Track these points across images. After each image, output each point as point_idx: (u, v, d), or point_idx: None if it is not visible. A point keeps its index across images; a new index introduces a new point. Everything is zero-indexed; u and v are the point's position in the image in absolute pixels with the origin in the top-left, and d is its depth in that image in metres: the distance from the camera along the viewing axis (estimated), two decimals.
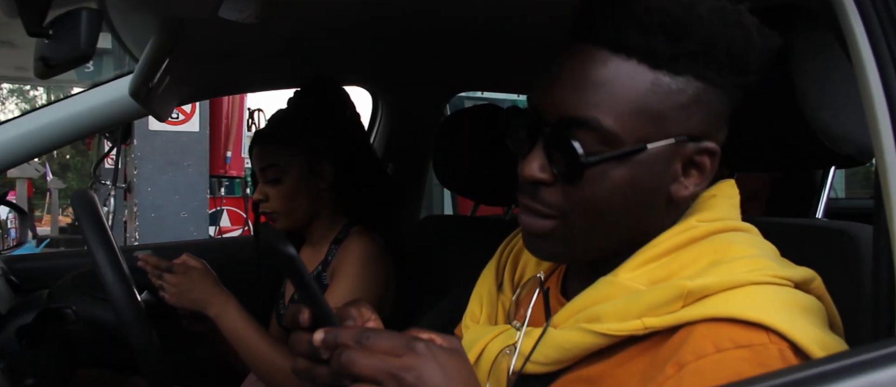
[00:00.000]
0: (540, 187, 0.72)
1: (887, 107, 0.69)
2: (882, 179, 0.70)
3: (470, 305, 0.93)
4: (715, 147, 0.72)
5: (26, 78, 9.55)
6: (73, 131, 1.27)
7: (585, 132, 0.68)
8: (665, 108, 0.68)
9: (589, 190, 0.70)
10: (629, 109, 0.68)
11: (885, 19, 0.71)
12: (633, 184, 0.70)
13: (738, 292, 0.65)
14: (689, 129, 0.70)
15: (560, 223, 0.72)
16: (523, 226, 0.75)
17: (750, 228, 0.75)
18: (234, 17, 0.98)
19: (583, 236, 0.73)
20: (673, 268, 0.70)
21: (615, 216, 0.71)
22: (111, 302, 1.28)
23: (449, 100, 2.27)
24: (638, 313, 0.67)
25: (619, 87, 0.68)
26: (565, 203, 0.71)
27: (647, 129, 0.68)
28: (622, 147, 0.68)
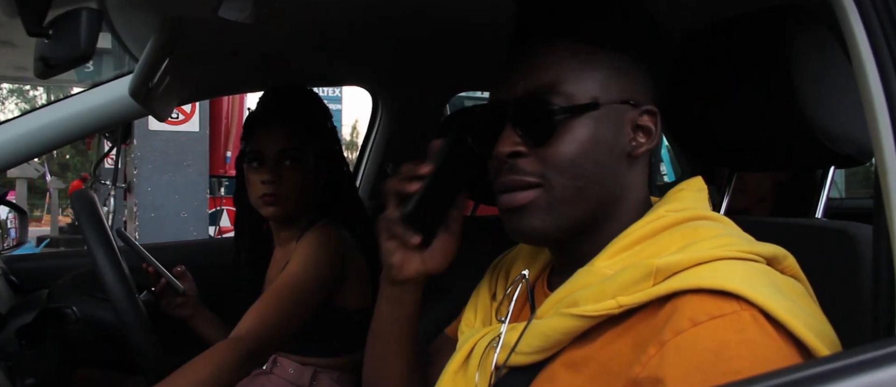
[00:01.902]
0: (516, 160, 0.79)
1: (887, 107, 0.69)
2: (882, 179, 0.70)
3: (465, 313, 0.96)
4: (654, 108, 0.82)
5: (26, 78, 9.55)
6: (73, 131, 1.27)
7: (549, 97, 0.78)
8: (605, 76, 0.79)
9: (562, 147, 0.78)
10: (579, 76, 0.79)
11: (885, 19, 0.71)
12: (596, 139, 0.78)
13: (704, 266, 0.68)
14: (628, 95, 0.80)
15: (541, 192, 0.78)
16: (506, 205, 0.81)
17: (720, 217, 0.79)
18: (234, 17, 0.98)
19: (565, 201, 0.78)
20: (644, 255, 0.75)
21: (588, 171, 0.78)
22: (111, 302, 1.28)
23: (449, 100, 2.28)
24: (612, 293, 0.71)
25: (567, 61, 0.79)
26: (544, 167, 0.78)
27: (596, 92, 0.79)
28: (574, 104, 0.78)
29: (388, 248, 0.89)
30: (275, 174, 1.52)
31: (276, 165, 1.53)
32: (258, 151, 1.54)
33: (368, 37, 1.57)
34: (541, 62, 0.80)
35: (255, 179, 1.54)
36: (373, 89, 2.18)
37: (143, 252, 1.60)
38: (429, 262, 0.90)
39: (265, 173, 1.53)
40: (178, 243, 2.38)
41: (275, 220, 1.60)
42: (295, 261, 1.48)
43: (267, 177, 1.52)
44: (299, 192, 1.55)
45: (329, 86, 6.09)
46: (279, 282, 1.45)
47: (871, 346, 0.62)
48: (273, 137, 1.54)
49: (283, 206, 1.54)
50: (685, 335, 0.64)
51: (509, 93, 0.81)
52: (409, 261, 0.89)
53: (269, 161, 1.53)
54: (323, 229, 1.53)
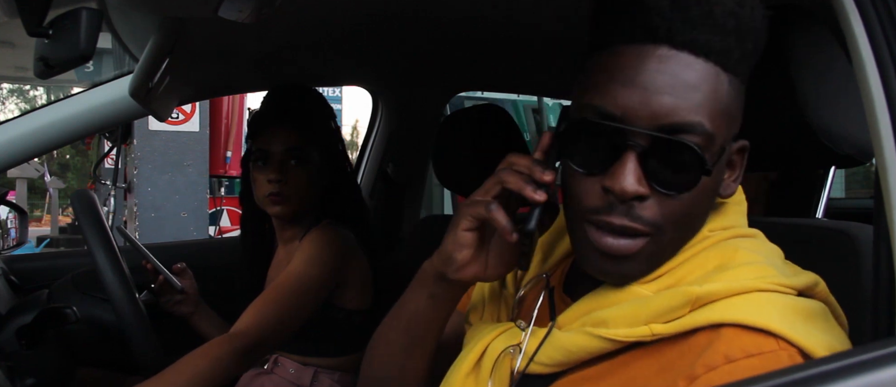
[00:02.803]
0: (635, 204, 0.68)
1: (887, 107, 0.69)
2: (882, 179, 0.70)
3: (473, 303, 0.92)
4: (747, 145, 0.75)
5: (26, 78, 9.56)
6: (73, 131, 1.27)
7: (696, 141, 0.66)
8: (735, 109, 0.71)
9: (689, 199, 0.68)
10: (718, 111, 0.68)
11: (885, 19, 0.71)
12: (714, 187, 0.71)
13: (744, 298, 0.65)
14: (737, 129, 0.72)
15: (650, 240, 0.69)
16: (604, 248, 0.69)
17: (756, 233, 0.76)
18: (234, 17, 0.98)
19: (668, 251, 0.71)
20: (680, 274, 0.71)
21: (696, 223, 0.71)
22: (111, 302, 1.28)
23: (449, 100, 2.28)
24: (646, 318, 0.67)
25: (710, 91, 0.67)
26: (662, 217, 0.68)
27: (727, 131, 0.70)
28: (714, 151, 0.68)
29: (461, 240, 0.77)
30: (281, 173, 1.53)
31: (282, 164, 1.53)
32: (264, 151, 1.55)
33: (369, 37, 1.57)
34: (680, 87, 0.66)
35: (261, 178, 1.55)
36: (373, 89, 2.18)
37: (142, 249, 1.60)
38: (490, 269, 0.79)
39: (271, 172, 1.53)
40: (178, 243, 2.38)
41: (280, 218, 1.61)
42: (297, 259, 1.48)
43: (273, 176, 1.53)
44: (304, 191, 1.55)
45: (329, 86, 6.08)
46: (280, 280, 1.45)
47: (872, 346, 0.62)
48: (279, 136, 1.54)
49: (288, 205, 1.55)
50: (718, 372, 0.62)
51: (636, 116, 0.67)
52: (473, 262, 0.78)
53: (274, 160, 1.54)
54: (326, 229, 1.53)
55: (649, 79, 0.66)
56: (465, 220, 0.77)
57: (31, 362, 1.21)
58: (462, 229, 0.77)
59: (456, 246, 0.77)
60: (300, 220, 1.60)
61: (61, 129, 1.25)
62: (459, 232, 0.77)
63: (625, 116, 0.67)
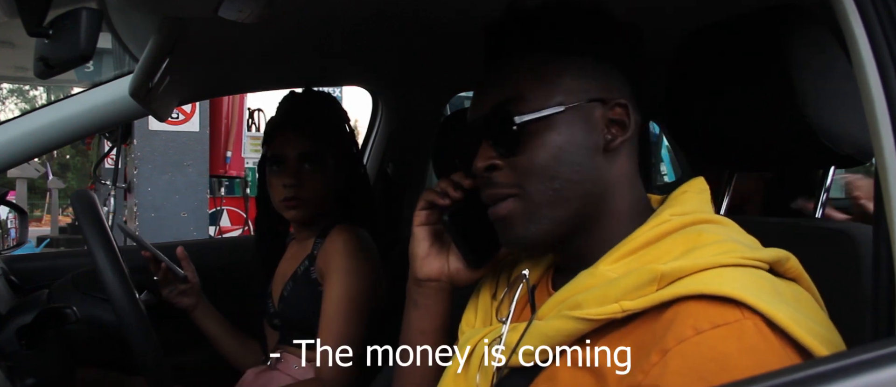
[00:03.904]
0: (492, 173, 0.82)
1: (887, 107, 0.69)
2: (882, 179, 0.70)
3: (465, 313, 0.95)
4: (625, 101, 0.83)
5: (26, 78, 9.55)
6: (73, 131, 1.27)
7: (513, 107, 0.80)
8: (570, 80, 0.81)
9: (532, 154, 0.80)
10: (542, 84, 0.81)
11: (885, 19, 0.71)
12: (566, 141, 0.80)
13: (708, 272, 0.68)
14: (595, 94, 0.82)
15: (518, 201, 0.80)
16: (492, 217, 0.83)
17: (723, 220, 0.79)
18: (234, 17, 0.98)
19: (544, 205, 0.80)
20: (648, 259, 0.75)
21: (562, 173, 0.79)
22: (111, 302, 1.28)
23: (449, 100, 2.27)
24: (615, 297, 0.71)
25: (529, 72, 0.82)
26: (517, 176, 0.80)
27: (561, 97, 0.81)
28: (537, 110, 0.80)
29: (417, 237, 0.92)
30: (296, 178, 1.55)
31: (297, 169, 1.55)
32: (279, 156, 1.57)
33: (369, 37, 1.57)
34: (505, 77, 0.83)
35: (277, 182, 1.57)
36: (373, 89, 2.18)
37: (142, 241, 1.62)
38: (452, 265, 0.92)
39: (286, 177, 1.55)
40: (177, 243, 2.38)
41: (297, 222, 1.63)
42: (338, 279, 1.49)
43: (288, 180, 1.55)
44: (320, 194, 1.57)
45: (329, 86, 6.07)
46: (334, 306, 1.47)
47: (872, 346, 0.62)
48: (293, 141, 1.56)
49: (304, 209, 1.57)
50: (688, 343, 0.64)
51: (480, 110, 0.84)
52: (434, 258, 0.92)
53: (290, 165, 1.55)
54: (349, 232, 1.54)
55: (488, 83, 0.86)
56: (415, 217, 0.92)
57: (31, 362, 1.21)
58: (415, 226, 0.92)
59: (414, 243, 0.92)
60: (316, 222, 1.61)
61: (61, 129, 1.25)
62: (414, 230, 0.92)
63: (473, 116, 0.85)
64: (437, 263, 0.92)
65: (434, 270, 0.91)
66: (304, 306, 1.53)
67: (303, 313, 1.53)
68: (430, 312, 0.93)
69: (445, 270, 0.92)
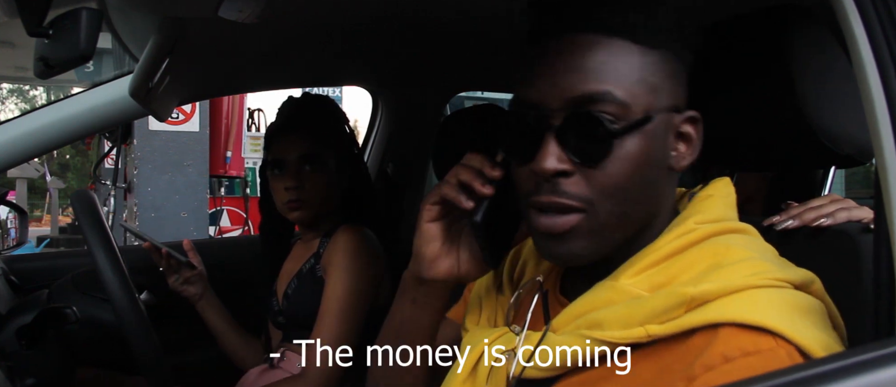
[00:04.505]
0: (559, 180, 0.71)
1: (887, 107, 0.69)
2: (882, 179, 0.70)
3: (469, 310, 0.91)
4: (697, 114, 0.75)
5: (26, 78, 9.55)
6: (73, 131, 1.27)
7: (600, 107, 0.69)
8: (657, 80, 0.71)
9: (613, 168, 0.70)
10: (632, 80, 0.70)
11: (885, 19, 0.71)
12: (647, 156, 0.71)
13: (739, 296, 0.65)
14: (675, 100, 0.73)
15: (585, 216, 0.71)
16: (542, 228, 0.72)
17: (747, 228, 0.76)
18: (234, 17, 0.98)
19: (608, 226, 0.71)
20: (673, 272, 0.71)
21: (635, 195, 0.71)
22: (111, 302, 1.28)
23: (449, 100, 2.27)
24: (641, 319, 0.67)
25: (619, 63, 0.70)
26: (590, 190, 0.70)
27: (649, 100, 0.70)
28: (630, 118, 0.69)
29: (426, 234, 0.80)
30: (297, 180, 1.56)
31: (297, 171, 1.56)
32: (280, 159, 1.59)
33: (369, 37, 1.57)
34: (586, 64, 0.70)
35: (279, 186, 1.58)
36: (373, 89, 2.18)
37: (142, 234, 1.65)
38: (463, 264, 0.81)
39: (288, 180, 1.56)
40: (176, 243, 2.38)
41: (301, 224, 1.64)
42: (337, 277, 1.51)
43: (290, 183, 1.56)
44: (322, 195, 1.58)
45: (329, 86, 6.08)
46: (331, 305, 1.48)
47: (872, 346, 0.62)
48: (292, 143, 1.58)
49: (307, 210, 1.58)
50: (717, 372, 0.62)
51: (549, 98, 0.71)
52: (444, 258, 0.80)
53: (290, 167, 1.57)
54: (352, 233, 1.55)
55: (556, 61, 0.71)
56: (425, 211, 0.80)
57: (31, 362, 1.21)
58: (425, 222, 0.80)
59: (422, 241, 0.80)
60: (321, 224, 1.62)
61: (61, 129, 1.25)
62: (423, 225, 0.80)
63: (540, 100, 0.71)
64: (447, 262, 0.81)
65: (443, 271, 0.81)
66: (309, 303, 1.54)
67: (307, 310, 1.54)
68: (431, 309, 0.86)
69: (455, 270, 0.81)
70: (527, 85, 0.73)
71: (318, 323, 1.47)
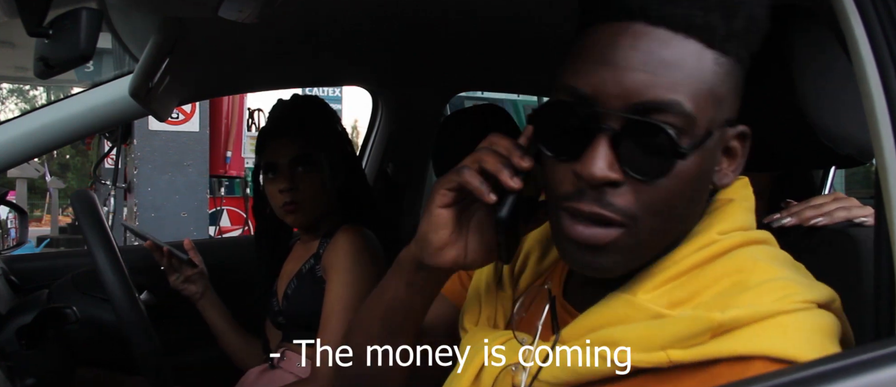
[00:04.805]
0: (606, 190, 0.64)
1: (887, 107, 0.69)
2: (882, 179, 0.70)
3: (467, 306, 0.86)
4: (748, 130, 0.69)
5: (26, 78, 9.55)
6: (73, 131, 1.27)
7: (666, 118, 0.62)
8: (725, 91, 0.65)
9: (666, 185, 0.63)
10: (701, 91, 0.63)
11: (885, 19, 0.71)
12: (700, 174, 0.65)
13: (769, 324, 0.61)
14: (732, 113, 0.67)
15: (626, 231, 0.65)
16: (577, 238, 0.66)
17: (768, 237, 0.72)
18: (234, 17, 0.98)
19: (646, 243, 0.66)
20: (694, 287, 0.66)
21: (679, 213, 0.66)
22: (111, 302, 1.28)
23: (449, 100, 2.27)
24: (662, 343, 0.63)
25: (691, 68, 0.63)
26: (637, 205, 0.64)
27: (713, 113, 0.64)
28: (696, 134, 0.63)
29: (437, 220, 0.72)
30: (291, 182, 1.56)
31: (291, 173, 1.56)
32: (272, 162, 1.58)
33: (369, 37, 1.57)
34: (658, 65, 0.62)
35: (274, 189, 1.58)
36: (373, 89, 2.18)
37: (143, 233, 1.66)
38: (470, 254, 0.73)
39: (282, 182, 1.56)
40: (176, 243, 2.38)
41: (299, 226, 1.64)
42: (338, 280, 1.50)
43: (284, 185, 1.56)
44: (317, 196, 1.58)
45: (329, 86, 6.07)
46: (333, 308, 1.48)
47: (872, 346, 0.62)
48: (284, 146, 1.57)
49: (304, 212, 1.58)
50: None
51: (609, 96, 0.63)
52: (451, 246, 0.73)
53: (283, 170, 1.57)
54: (351, 234, 1.55)
55: (622, 56, 0.63)
56: (439, 195, 0.72)
57: (31, 362, 1.21)
58: (437, 206, 0.72)
59: (431, 227, 0.72)
60: (319, 225, 1.62)
61: (61, 129, 1.25)
62: (435, 210, 0.72)
63: (596, 95, 0.63)
64: (454, 251, 0.73)
65: (449, 260, 0.73)
66: (309, 303, 1.54)
67: (307, 310, 1.54)
68: (426, 294, 0.79)
69: (462, 259, 0.73)
70: (582, 73, 0.65)
71: (323, 325, 1.47)
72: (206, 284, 1.70)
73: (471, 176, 0.69)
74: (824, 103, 0.92)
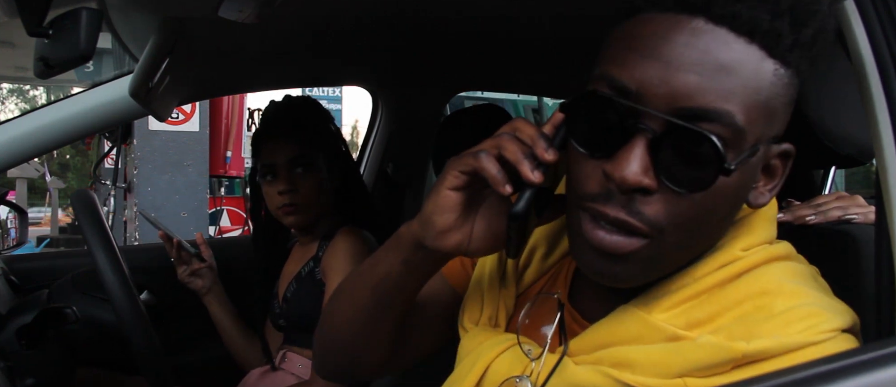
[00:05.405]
0: (637, 197, 0.59)
1: (887, 107, 0.69)
2: (882, 179, 0.70)
3: (468, 301, 0.82)
4: (792, 149, 0.65)
5: (26, 78, 9.56)
6: (73, 131, 1.27)
7: (714, 128, 0.56)
8: (779, 105, 0.60)
9: (702, 201, 0.58)
10: (756, 103, 0.58)
11: (885, 19, 0.71)
12: (737, 192, 0.60)
13: (795, 358, 0.59)
14: (781, 129, 0.63)
15: (650, 243, 0.60)
16: (596, 243, 0.61)
17: (790, 252, 0.68)
18: (234, 17, 0.98)
19: (668, 257, 0.62)
20: (714, 308, 0.63)
21: (708, 230, 0.62)
22: (111, 302, 1.28)
23: (449, 100, 2.27)
24: (680, 370, 0.60)
25: (748, 77, 0.57)
26: (666, 217, 0.59)
27: (763, 129, 0.59)
28: (744, 148, 0.58)
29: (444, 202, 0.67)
30: (289, 183, 1.56)
31: (289, 175, 1.56)
32: (270, 164, 1.58)
33: (369, 37, 1.57)
34: (712, 69, 0.57)
35: (272, 191, 1.58)
36: (373, 89, 2.18)
37: (157, 222, 1.68)
38: (475, 241, 0.68)
39: (280, 184, 1.56)
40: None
41: (297, 228, 1.63)
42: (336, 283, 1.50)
43: (282, 187, 1.56)
44: (315, 197, 1.58)
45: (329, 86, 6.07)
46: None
47: (873, 346, 0.62)
48: (281, 147, 1.57)
49: (302, 213, 1.57)
50: None
51: (653, 96, 0.57)
52: (456, 230, 0.68)
53: (282, 171, 1.56)
54: (349, 235, 1.55)
55: (675, 52, 0.57)
56: (451, 176, 0.67)
57: (31, 362, 1.21)
58: (446, 188, 0.67)
59: (437, 208, 0.67)
60: (317, 227, 1.62)
61: (61, 129, 1.25)
62: (443, 191, 0.67)
63: (640, 92, 0.58)
64: (457, 236, 0.68)
65: (452, 244, 0.68)
66: (309, 306, 1.54)
67: (307, 313, 1.54)
68: (422, 274, 0.75)
69: (465, 245, 0.68)
70: (627, 65, 0.59)
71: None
72: (214, 279, 1.71)
73: (488, 162, 0.64)
74: (824, 103, 0.92)
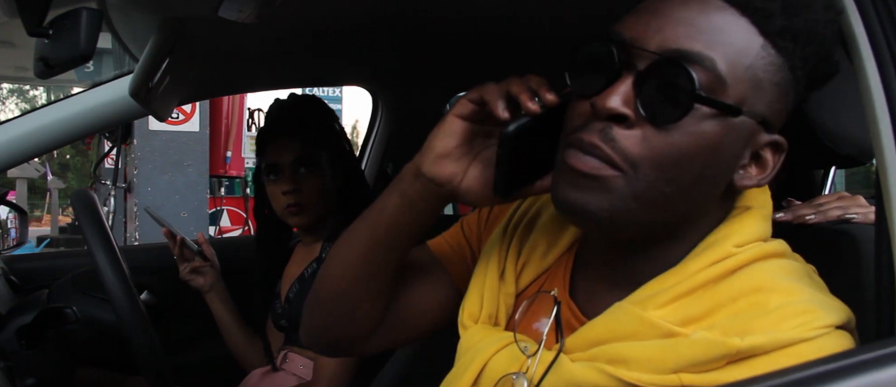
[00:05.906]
0: (614, 127, 0.63)
1: (887, 107, 0.69)
2: (882, 179, 0.70)
3: (468, 298, 0.82)
4: (784, 142, 0.68)
5: (26, 78, 9.56)
6: (73, 131, 1.27)
7: (696, 68, 0.61)
8: (765, 78, 0.64)
9: (677, 138, 0.62)
10: (739, 62, 0.62)
11: (885, 19, 0.71)
12: (718, 149, 0.63)
13: (789, 353, 0.60)
14: (770, 114, 0.65)
15: (623, 177, 0.63)
16: (572, 163, 0.64)
17: (784, 249, 0.70)
18: (234, 17, 0.98)
19: (640, 200, 0.63)
20: (708, 304, 0.65)
21: (683, 183, 0.63)
22: (111, 302, 1.28)
23: (449, 100, 2.27)
24: (675, 365, 0.62)
25: (735, 38, 0.62)
26: (641, 152, 0.62)
27: (747, 93, 0.63)
28: (724, 99, 0.62)
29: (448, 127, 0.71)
30: (294, 183, 1.56)
31: (293, 174, 1.56)
32: (274, 164, 1.58)
33: (368, 37, 1.57)
34: (702, 24, 0.62)
35: (277, 190, 1.58)
36: (373, 89, 2.17)
37: (161, 219, 1.69)
38: (468, 178, 0.72)
39: (285, 184, 1.56)
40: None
41: (301, 228, 1.63)
42: None
43: (287, 187, 1.56)
44: (320, 196, 1.58)
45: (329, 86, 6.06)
46: None
47: (873, 346, 0.62)
48: (286, 147, 1.57)
49: (307, 213, 1.57)
50: None
51: (646, 40, 0.63)
52: (452, 159, 0.71)
53: (286, 171, 1.56)
54: None
55: (670, 7, 0.64)
56: (459, 104, 0.72)
57: (31, 362, 1.21)
58: (452, 114, 0.72)
59: (440, 133, 0.72)
60: (321, 227, 1.62)
61: (61, 129, 1.25)
62: (448, 117, 0.72)
63: (635, 39, 0.64)
64: (453, 167, 0.71)
65: (445, 174, 0.71)
66: None
67: None
68: (413, 213, 0.76)
69: (458, 178, 0.72)
70: (628, 21, 0.66)
71: None
72: (216, 277, 1.70)
73: (492, 90, 0.69)
74: (824, 103, 0.92)
